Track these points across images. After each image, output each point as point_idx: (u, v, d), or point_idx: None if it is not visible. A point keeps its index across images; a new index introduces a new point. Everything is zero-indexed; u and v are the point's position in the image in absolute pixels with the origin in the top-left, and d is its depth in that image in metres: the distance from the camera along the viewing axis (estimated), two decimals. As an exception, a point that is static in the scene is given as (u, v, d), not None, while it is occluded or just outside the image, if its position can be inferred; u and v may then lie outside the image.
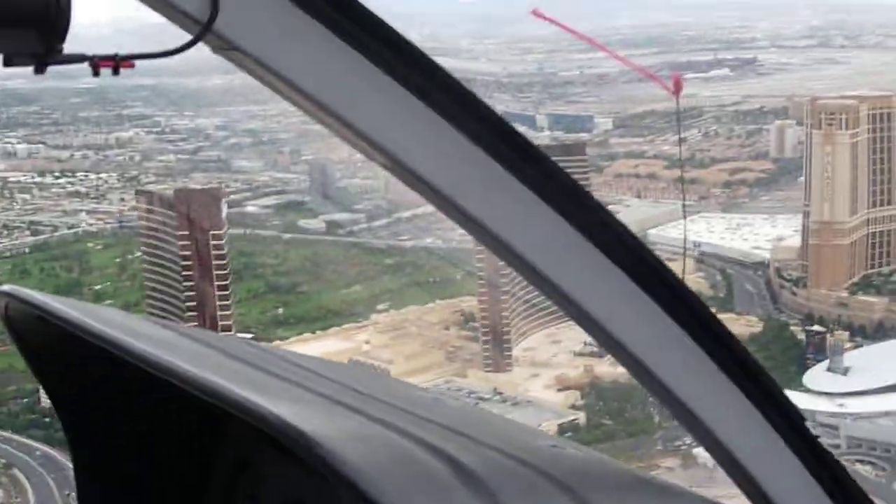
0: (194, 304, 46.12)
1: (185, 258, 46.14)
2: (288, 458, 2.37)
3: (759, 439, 2.86)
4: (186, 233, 46.03)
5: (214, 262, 46.21)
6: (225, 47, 2.29)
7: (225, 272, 46.63)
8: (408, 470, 2.21)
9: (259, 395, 2.32)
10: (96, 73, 2.12)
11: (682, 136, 67.06)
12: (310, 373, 2.88)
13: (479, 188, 2.53)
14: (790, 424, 2.87)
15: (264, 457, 3.05)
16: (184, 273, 46.40)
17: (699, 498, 2.90)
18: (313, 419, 2.27)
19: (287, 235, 58.92)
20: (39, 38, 2.04)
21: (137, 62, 2.13)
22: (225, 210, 48.38)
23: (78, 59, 2.08)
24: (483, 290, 53.00)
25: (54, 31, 2.02)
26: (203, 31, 2.18)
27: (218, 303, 46.08)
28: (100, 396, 3.16)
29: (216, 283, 46.03)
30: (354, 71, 2.40)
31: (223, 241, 46.95)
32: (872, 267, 57.64)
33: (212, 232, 46.25)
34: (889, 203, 57.39)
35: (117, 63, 2.12)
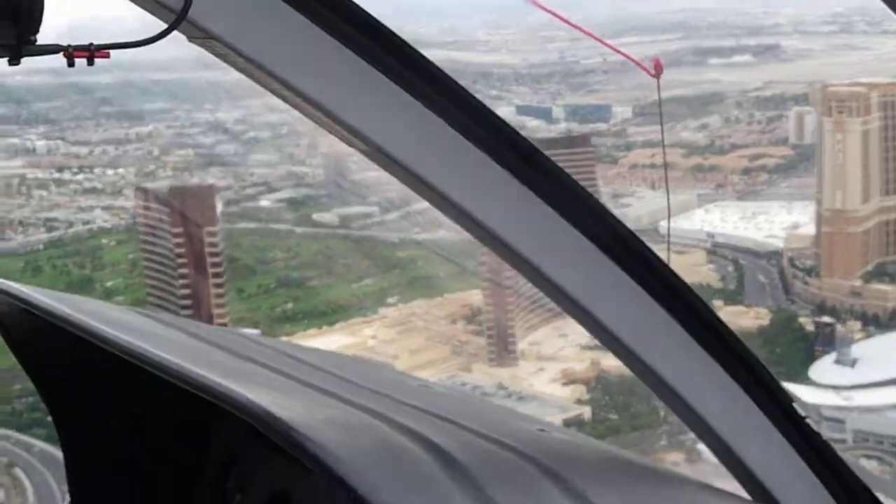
0: (190, 301, 46.57)
1: (179, 255, 46.59)
2: (275, 449, 2.35)
3: (755, 432, 2.97)
4: (181, 230, 46.47)
5: (209, 259, 46.61)
6: (200, 36, 2.33)
7: (220, 269, 47.05)
8: (389, 456, 2.19)
9: (240, 383, 2.29)
10: (71, 64, 2.11)
11: (704, 122, 66.45)
12: (296, 361, 2.90)
13: (470, 182, 2.51)
14: (787, 417, 2.85)
15: (252, 449, 3.07)
16: (179, 270, 46.86)
17: (680, 476, 2.85)
18: (294, 407, 2.24)
19: (300, 229, 59.02)
20: (13, 29, 2.04)
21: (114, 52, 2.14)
22: (220, 206, 48.89)
23: (53, 49, 2.10)
24: (488, 284, 52.96)
25: (28, 22, 2.03)
26: (178, 19, 2.24)
27: (213, 300, 46.50)
28: (87, 388, 3.18)
29: (211, 280, 46.46)
30: (333, 59, 2.38)
31: (217, 238, 47.39)
32: (886, 255, 57.02)
33: (206, 229, 46.67)
34: (902, 191, 56.83)
35: (92, 53, 2.13)
